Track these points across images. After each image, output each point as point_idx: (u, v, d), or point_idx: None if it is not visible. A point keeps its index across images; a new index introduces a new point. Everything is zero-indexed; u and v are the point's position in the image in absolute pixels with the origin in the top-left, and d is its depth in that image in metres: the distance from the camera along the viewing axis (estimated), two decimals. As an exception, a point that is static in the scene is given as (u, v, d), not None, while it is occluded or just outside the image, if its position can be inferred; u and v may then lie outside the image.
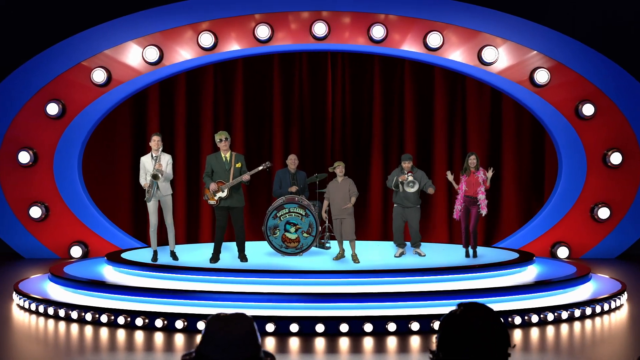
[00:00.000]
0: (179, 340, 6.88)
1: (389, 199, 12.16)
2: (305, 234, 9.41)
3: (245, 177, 8.96)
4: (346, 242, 9.23)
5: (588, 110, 11.13)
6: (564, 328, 7.31)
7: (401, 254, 9.56)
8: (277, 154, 12.35)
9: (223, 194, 8.95)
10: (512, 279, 8.53)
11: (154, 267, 8.64)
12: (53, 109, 11.15)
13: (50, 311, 7.67)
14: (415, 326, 7.03)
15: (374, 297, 7.53)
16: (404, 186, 9.35)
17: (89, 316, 7.39)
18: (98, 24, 11.19)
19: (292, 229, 9.40)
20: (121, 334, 7.10)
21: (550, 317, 7.41)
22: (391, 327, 7.01)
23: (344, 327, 6.99)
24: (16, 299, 8.25)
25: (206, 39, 11.01)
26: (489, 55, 11.05)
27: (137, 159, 10.04)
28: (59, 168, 11.38)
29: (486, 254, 9.72)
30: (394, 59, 12.13)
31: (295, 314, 7.16)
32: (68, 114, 11.27)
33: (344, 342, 6.81)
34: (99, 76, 11.12)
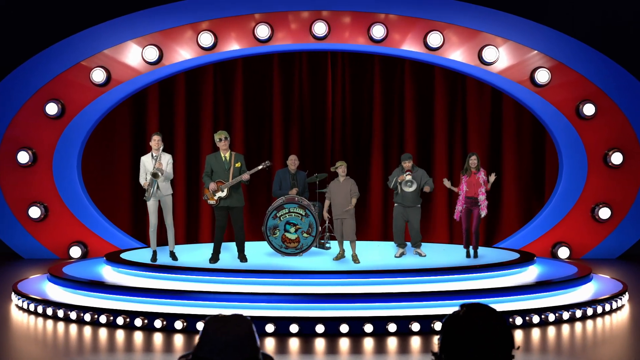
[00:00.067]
0: (178, 341, 6.85)
1: (389, 199, 12.14)
2: (305, 234, 9.38)
3: (245, 176, 8.94)
4: (346, 242, 9.20)
5: (589, 110, 11.11)
6: (565, 329, 7.29)
7: (401, 254, 9.53)
8: (277, 154, 12.33)
9: (223, 194, 8.93)
10: (513, 279, 8.51)
11: (153, 267, 8.61)
12: (52, 108, 11.12)
13: (49, 312, 7.64)
14: (416, 327, 7.00)
15: (374, 298, 7.51)
16: (401, 186, 9.33)
17: (87, 317, 7.36)
18: (97, 24, 11.17)
19: (292, 229, 9.38)
20: (120, 334, 7.07)
21: (551, 317, 7.38)
22: (391, 327, 6.98)
23: (344, 328, 6.96)
24: (15, 299, 8.22)
25: (206, 38, 10.98)
26: (489, 55, 11.03)
27: (137, 159, 10.02)
28: (58, 168, 11.35)
29: (487, 254, 9.70)
30: (394, 59, 12.10)
31: (295, 314, 7.14)
32: (67, 114, 11.25)
33: (344, 343, 6.78)
34: (98, 76, 11.09)
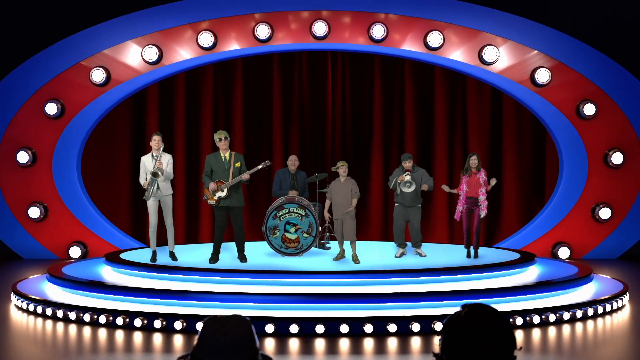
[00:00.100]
0: (177, 341, 6.83)
1: (389, 199, 12.13)
2: (305, 234, 9.37)
3: (245, 176, 8.92)
4: (346, 242, 9.18)
5: (589, 110, 11.09)
6: (565, 329, 7.27)
7: (402, 254, 9.51)
8: (277, 154, 12.31)
9: (222, 194, 8.91)
10: (513, 279, 8.49)
11: (152, 267, 8.59)
12: (52, 108, 11.11)
13: (49, 312, 7.62)
14: (416, 327, 6.98)
15: (375, 298, 7.49)
16: (400, 186, 9.31)
17: (87, 317, 7.34)
18: (97, 24, 11.15)
19: (292, 229, 9.36)
20: (119, 335, 7.05)
21: (552, 317, 7.36)
22: (392, 328, 6.96)
23: (344, 328, 6.94)
24: (14, 299, 8.20)
25: (206, 38, 10.97)
26: (489, 54, 11.01)
27: (137, 158, 9.99)
28: (57, 168, 11.33)
29: (487, 254, 9.69)
30: (394, 59, 12.08)
31: (295, 314, 7.12)
32: (67, 114, 11.23)
33: (344, 343, 6.76)
34: (98, 76, 11.07)
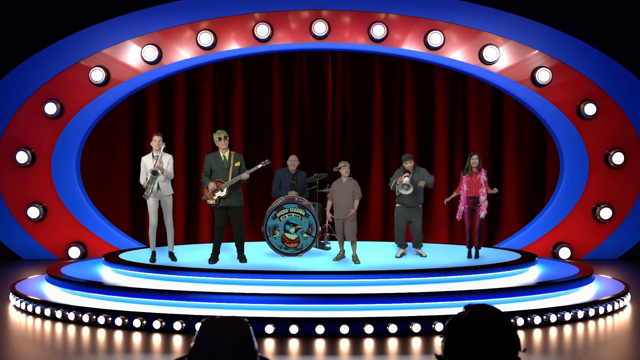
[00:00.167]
0: (177, 342, 6.80)
1: (389, 199, 12.10)
2: (305, 235, 9.34)
3: (245, 175, 8.89)
4: (347, 242, 9.15)
5: (590, 109, 11.06)
6: (567, 329, 7.24)
7: (402, 255, 9.48)
8: (277, 154, 12.29)
9: (222, 194, 8.88)
10: (514, 279, 8.46)
11: (152, 267, 8.56)
12: (51, 108, 11.08)
13: (47, 312, 7.59)
14: (417, 327, 6.95)
15: (375, 298, 7.46)
16: (398, 188, 9.27)
17: (86, 317, 7.31)
18: (96, 23, 11.13)
19: (292, 229, 9.33)
20: (118, 335, 7.02)
21: (553, 318, 7.33)
22: (392, 328, 6.93)
23: (344, 329, 6.91)
24: (13, 300, 8.17)
25: (205, 38, 10.94)
26: (490, 54, 10.98)
27: (136, 158, 9.97)
28: (57, 168, 11.30)
29: (488, 254, 9.66)
30: (395, 58, 12.06)
31: (295, 315, 7.09)
32: (66, 114, 11.20)
33: (344, 344, 6.73)
34: (97, 75, 11.04)
